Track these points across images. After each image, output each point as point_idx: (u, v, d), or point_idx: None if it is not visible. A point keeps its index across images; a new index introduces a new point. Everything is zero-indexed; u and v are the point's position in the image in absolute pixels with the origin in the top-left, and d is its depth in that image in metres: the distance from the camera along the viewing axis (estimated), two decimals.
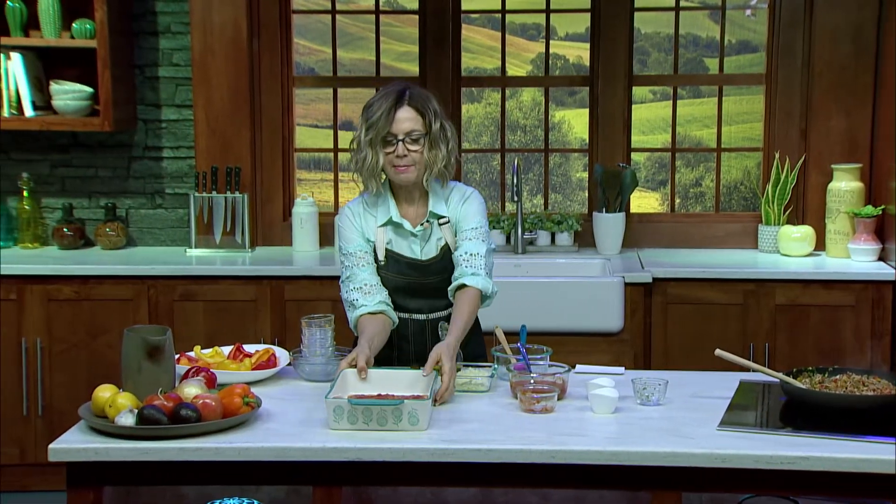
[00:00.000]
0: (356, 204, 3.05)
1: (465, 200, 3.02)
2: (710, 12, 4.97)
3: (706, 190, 5.07)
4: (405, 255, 3.00)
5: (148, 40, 4.85)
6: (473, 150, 5.12)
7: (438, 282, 3.00)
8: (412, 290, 3.01)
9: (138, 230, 4.96)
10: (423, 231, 3.00)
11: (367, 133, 2.92)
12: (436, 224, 3.01)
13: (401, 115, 2.90)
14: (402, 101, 2.91)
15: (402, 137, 2.90)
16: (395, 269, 3.00)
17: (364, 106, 2.98)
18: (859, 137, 4.66)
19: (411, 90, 2.94)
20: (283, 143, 4.95)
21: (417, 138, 2.91)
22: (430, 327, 3.05)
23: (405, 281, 3.00)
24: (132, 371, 2.59)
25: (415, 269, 3.00)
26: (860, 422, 2.50)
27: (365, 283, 2.97)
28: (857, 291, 4.24)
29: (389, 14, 5.09)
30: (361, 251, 3.00)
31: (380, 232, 3.01)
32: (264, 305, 4.40)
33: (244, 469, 2.44)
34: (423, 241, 3.01)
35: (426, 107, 2.93)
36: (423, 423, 2.49)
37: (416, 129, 2.91)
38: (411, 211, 3.02)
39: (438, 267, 3.01)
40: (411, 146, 2.91)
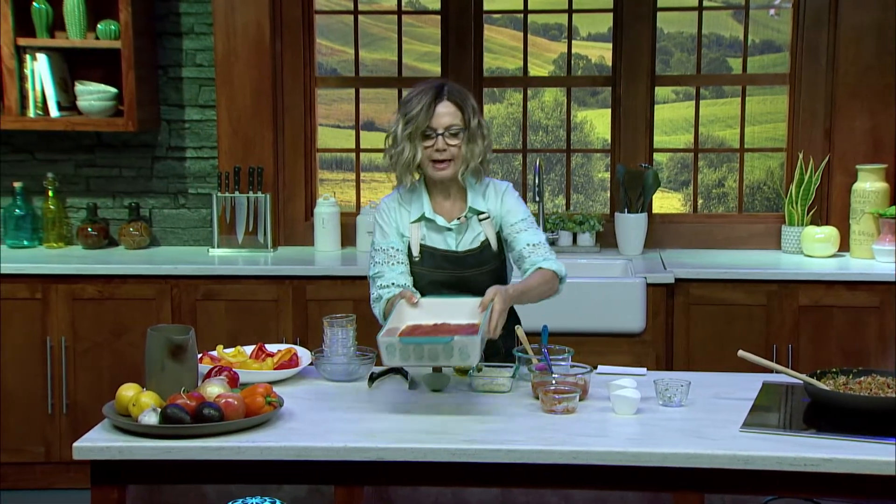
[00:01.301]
0: (391, 199, 3.08)
1: (503, 194, 3.05)
2: (734, 12, 4.95)
3: (729, 190, 5.05)
4: (440, 248, 3.01)
5: (171, 41, 4.87)
6: (495, 150, 5.10)
7: (475, 275, 3.01)
8: (448, 285, 3.01)
9: (161, 230, 4.99)
10: (459, 226, 3.01)
11: (406, 127, 2.94)
12: (475, 219, 3.03)
13: (441, 110, 2.93)
14: (442, 95, 2.93)
15: (441, 132, 2.93)
16: (430, 263, 3.01)
17: (401, 101, 3.02)
18: (884, 137, 4.62)
19: (449, 86, 2.97)
20: (306, 144, 4.96)
21: (456, 132, 2.94)
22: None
23: (441, 275, 3.01)
24: (155, 370, 2.60)
25: (450, 261, 3.01)
26: (885, 424, 2.48)
27: (392, 282, 2.98)
28: (881, 293, 4.21)
29: (411, 14, 5.09)
30: (393, 248, 3.02)
31: (413, 228, 3.03)
32: (286, 305, 4.41)
33: (266, 468, 2.45)
34: (458, 235, 3.02)
35: (465, 102, 2.96)
36: (474, 358, 2.52)
37: (455, 124, 2.93)
38: (447, 206, 3.04)
39: (475, 260, 3.02)
40: (450, 140, 2.94)
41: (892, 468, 2.30)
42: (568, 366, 2.86)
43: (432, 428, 2.52)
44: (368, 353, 3.00)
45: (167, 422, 2.43)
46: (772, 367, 2.80)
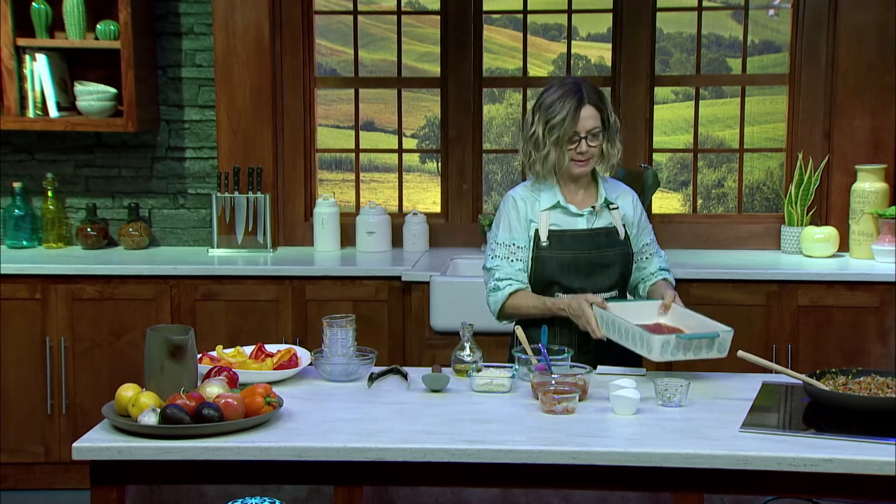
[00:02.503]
0: (522, 190, 3.17)
1: (636, 203, 3.21)
2: (733, 12, 4.95)
3: (728, 191, 5.05)
4: (568, 229, 3.10)
5: (171, 41, 4.87)
6: (494, 150, 5.11)
7: (599, 257, 3.09)
8: (576, 267, 3.08)
9: (161, 230, 4.99)
10: (591, 213, 3.12)
11: (551, 133, 3.03)
12: (606, 210, 3.14)
13: (584, 114, 3.03)
14: (584, 100, 3.02)
15: (584, 135, 3.02)
16: (558, 246, 3.09)
17: (538, 104, 3.08)
18: (884, 138, 4.63)
19: (586, 87, 3.06)
20: (305, 144, 4.96)
21: (597, 133, 3.04)
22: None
23: (570, 256, 3.08)
24: (155, 370, 2.60)
25: (578, 241, 3.09)
26: (884, 424, 2.49)
27: (508, 276, 3.09)
28: (881, 293, 4.21)
29: (411, 15, 5.09)
30: (515, 245, 3.11)
31: (544, 215, 3.10)
32: (286, 305, 4.41)
33: (266, 468, 2.45)
34: (588, 223, 3.11)
35: (603, 101, 3.08)
36: (726, 351, 2.85)
37: (596, 126, 3.04)
38: (578, 195, 3.14)
39: (602, 241, 3.10)
40: (591, 142, 3.04)
41: (892, 468, 2.30)
42: (567, 366, 2.86)
43: (432, 428, 2.52)
44: (368, 353, 3.00)
45: (167, 422, 2.43)
46: (771, 368, 2.80)
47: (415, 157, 5.23)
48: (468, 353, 2.98)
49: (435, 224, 4.95)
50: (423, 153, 5.22)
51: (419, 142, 5.22)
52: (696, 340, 2.84)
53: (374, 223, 4.80)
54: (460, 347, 2.99)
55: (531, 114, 3.10)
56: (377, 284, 4.38)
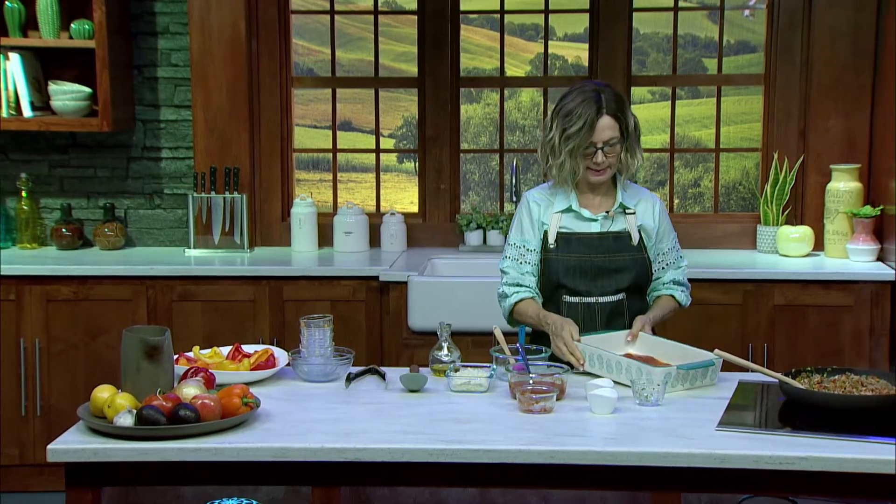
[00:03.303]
0: (539, 192, 3.16)
1: (658, 211, 3.16)
2: (709, 13, 4.97)
3: (705, 190, 5.07)
4: (576, 231, 3.08)
5: (146, 41, 4.85)
6: (472, 150, 5.12)
7: (607, 261, 3.07)
8: (582, 270, 3.07)
9: (137, 230, 4.96)
10: (605, 218, 3.09)
11: (567, 142, 2.99)
12: (622, 215, 3.11)
13: (601, 125, 2.98)
14: (602, 109, 2.98)
15: (601, 146, 2.99)
16: (565, 248, 3.07)
17: (557, 110, 3.05)
18: (858, 138, 4.66)
19: (606, 95, 3.00)
20: (282, 144, 4.95)
21: (615, 144, 3.00)
22: (599, 313, 3.09)
23: (575, 259, 3.07)
24: (131, 371, 2.59)
25: (585, 244, 3.07)
26: (859, 422, 2.50)
27: (517, 280, 3.10)
28: (855, 292, 4.24)
29: (388, 14, 5.09)
30: (525, 248, 3.11)
31: (555, 217, 3.09)
32: (263, 306, 4.40)
33: (243, 469, 2.44)
34: (601, 228, 3.09)
35: (623, 111, 3.02)
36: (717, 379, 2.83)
37: (614, 137, 2.99)
38: (595, 201, 3.12)
39: (610, 245, 3.08)
40: (609, 152, 3.00)
41: (867, 466, 2.32)
42: (545, 366, 2.86)
43: (410, 428, 2.52)
44: (345, 354, 2.99)
45: (143, 423, 2.42)
46: (747, 366, 2.81)
47: (392, 157, 5.23)
48: (446, 353, 2.98)
49: (412, 224, 4.95)
50: (400, 153, 5.22)
51: (396, 142, 5.21)
52: (692, 371, 2.80)
53: (352, 223, 4.79)
54: (438, 347, 2.99)
55: (550, 118, 3.07)
56: (355, 284, 4.37)
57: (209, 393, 2.55)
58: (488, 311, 4.08)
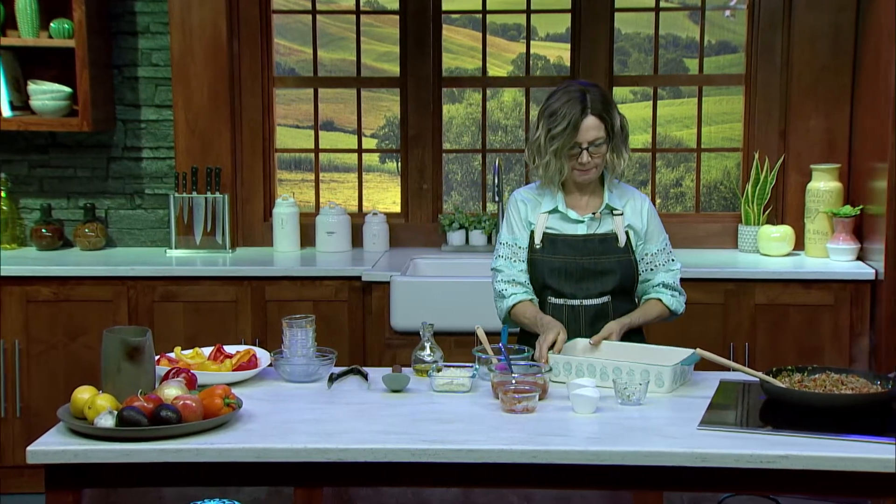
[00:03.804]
0: (527, 191, 3.15)
1: (647, 212, 3.13)
2: (690, 13, 4.99)
3: (686, 190, 5.09)
4: (561, 233, 3.07)
5: (127, 40, 4.82)
6: (454, 150, 5.12)
7: (591, 263, 3.06)
8: (566, 272, 3.06)
9: (118, 231, 4.94)
10: (592, 220, 3.08)
11: (552, 143, 2.98)
12: (609, 216, 3.09)
13: (585, 125, 2.97)
14: (587, 109, 2.96)
15: (586, 146, 2.98)
16: (550, 250, 3.07)
17: (543, 110, 3.03)
18: (838, 138, 4.69)
19: (592, 94, 2.99)
20: (264, 144, 4.94)
21: (600, 144, 2.99)
22: (584, 315, 3.08)
23: (560, 261, 3.06)
24: (112, 372, 2.57)
25: (570, 246, 3.06)
26: (839, 421, 2.52)
27: (513, 278, 3.08)
28: (835, 291, 4.26)
29: (370, 14, 5.08)
30: (517, 246, 3.10)
31: (542, 218, 3.09)
32: (245, 306, 4.39)
33: (225, 470, 2.44)
34: (588, 230, 3.08)
35: (608, 111, 3.00)
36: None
37: (599, 137, 2.98)
38: (582, 201, 3.11)
39: (595, 247, 3.06)
40: (594, 153, 2.99)
41: (847, 464, 2.33)
42: (527, 365, 2.87)
43: (392, 428, 2.51)
44: (328, 354, 2.99)
45: (124, 424, 2.41)
46: (729, 366, 2.82)
47: (374, 157, 5.22)
48: (428, 353, 2.98)
49: (395, 224, 4.94)
50: (382, 153, 5.22)
51: (379, 142, 5.21)
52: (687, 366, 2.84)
53: (334, 223, 4.78)
54: (420, 347, 2.99)
55: (536, 118, 3.06)
56: (337, 285, 4.37)
57: (191, 394, 2.54)
58: (471, 311, 4.09)
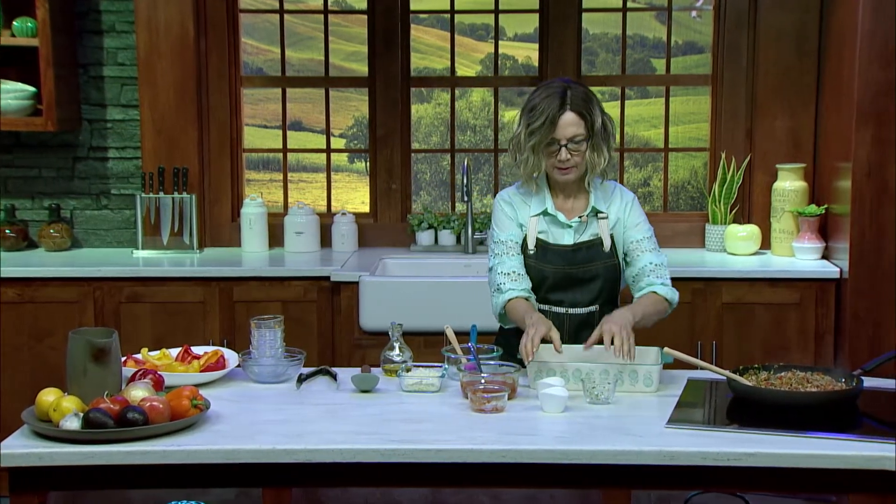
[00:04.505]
0: (512, 191, 3.11)
1: (630, 205, 3.10)
2: (657, 13, 5.01)
3: (654, 189, 5.12)
4: (552, 243, 3.04)
5: (92, 39, 4.78)
6: (423, 150, 5.11)
7: (581, 272, 3.04)
8: (556, 281, 3.04)
9: (83, 231, 4.90)
10: (579, 224, 3.04)
11: (530, 138, 2.96)
12: (594, 219, 3.06)
13: (564, 121, 2.93)
14: (566, 105, 2.93)
15: (564, 143, 2.94)
16: (542, 257, 3.04)
17: (524, 106, 3.01)
18: (803, 137, 4.73)
19: (573, 91, 2.96)
20: (232, 144, 4.91)
21: (580, 142, 2.95)
22: (569, 323, 3.06)
23: (550, 270, 3.04)
24: (77, 374, 2.55)
25: (560, 255, 3.04)
26: (805, 418, 2.54)
27: (513, 269, 3.02)
28: (801, 289, 4.30)
29: (338, 14, 5.07)
30: (512, 241, 3.05)
31: (533, 221, 3.05)
32: (213, 307, 4.36)
33: (193, 472, 2.42)
34: (576, 234, 3.05)
35: (589, 109, 2.96)
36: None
37: (578, 134, 2.95)
38: (568, 204, 3.08)
39: (583, 256, 3.04)
40: (573, 149, 2.95)
41: (812, 461, 2.35)
42: (496, 365, 2.87)
43: (361, 428, 2.51)
44: (296, 354, 2.98)
45: (90, 426, 2.39)
46: (696, 364, 2.84)
47: (343, 157, 5.21)
48: (397, 353, 2.98)
49: (364, 224, 4.93)
50: (351, 153, 5.20)
51: (347, 141, 5.20)
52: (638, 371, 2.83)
53: (303, 223, 4.77)
54: (389, 347, 2.99)
55: (518, 115, 3.04)
56: (306, 285, 4.35)
57: (158, 395, 2.53)
58: (440, 311, 4.09)
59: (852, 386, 2.68)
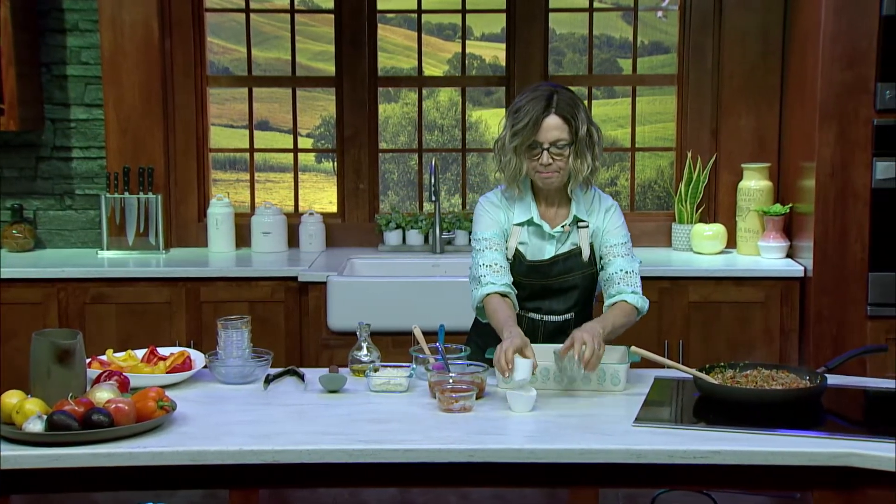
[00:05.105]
0: (495, 196, 3.06)
1: (609, 212, 3.05)
2: (623, 14, 5.04)
3: (621, 189, 5.14)
4: (527, 259, 3.01)
5: (55, 38, 4.74)
6: (391, 150, 5.11)
7: (558, 284, 3.01)
8: (533, 291, 3.03)
9: (47, 232, 4.85)
10: (562, 234, 3.02)
11: (513, 140, 2.92)
12: (575, 228, 3.03)
13: (547, 124, 2.89)
14: (550, 108, 2.90)
15: (547, 146, 2.90)
16: (518, 269, 3.01)
17: (509, 108, 2.98)
18: (767, 137, 4.77)
19: (559, 95, 2.92)
20: (198, 143, 4.88)
21: (563, 146, 2.91)
22: (542, 330, 3.05)
23: (526, 282, 3.02)
24: (41, 376, 2.53)
25: (536, 270, 3.01)
26: (770, 416, 2.56)
27: (495, 262, 2.97)
28: (766, 288, 4.34)
29: (305, 13, 5.05)
30: (496, 238, 3.01)
31: (515, 230, 3.02)
32: (179, 307, 4.33)
33: (159, 474, 2.40)
34: (559, 244, 3.02)
35: (574, 114, 2.91)
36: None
37: (562, 138, 2.91)
38: (551, 212, 3.04)
39: (560, 268, 3.01)
40: (556, 154, 2.91)
41: (777, 458, 2.37)
42: (464, 364, 2.87)
43: (329, 429, 2.50)
44: (264, 355, 2.96)
45: (54, 429, 2.36)
46: (663, 363, 2.85)
47: (310, 157, 5.19)
48: (365, 353, 2.97)
49: (331, 224, 4.92)
50: (318, 153, 5.19)
51: (315, 141, 5.18)
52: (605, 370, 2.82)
53: (270, 223, 4.75)
54: (357, 347, 2.98)
55: (504, 117, 3.02)
56: (273, 285, 4.34)
57: (123, 396, 2.51)
58: (408, 310, 4.08)
59: (816, 384, 2.70)
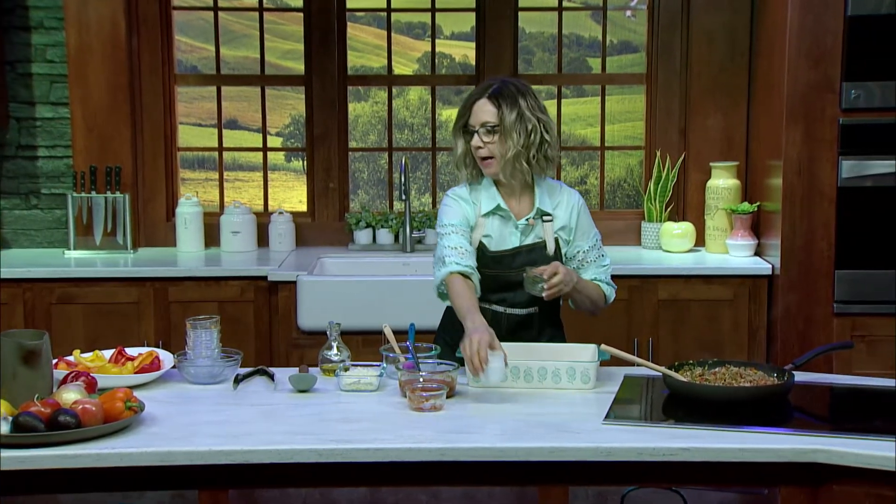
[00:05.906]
0: (461, 190, 3.09)
1: (577, 210, 3.10)
2: (592, 13, 5.05)
3: (591, 188, 5.16)
4: (490, 249, 3.03)
5: (19, 35, 4.69)
6: (361, 148, 5.10)
7: (518, 276, 2.99)
8: (495, 282, 3.04)
9: (12, 231, 4.80)
10: (527, 227, 3.04)
11: (455, 123, 3.04)
12: (540, 222, 3.05)
13: (478, 107, 2.98)
14: (485, 93, 2.98)
15: (476, 129, 2.97)
16: (481, 260, 3.03)
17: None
18: (735, 136, 4.80)
19: (503, 85, 3.00)
20: (166, 142, 4.85)
21: (491, 129, 2.97)
22: (505, 322, 3.05)
23: (490, 273, 3.03)
24: (6, 377, 2.50)
25: (497, 261, 3.03)
26: (738, 413, 2.58)
27: (459, 245, 2.99)
28: (734, 286, 4.37)
29: (273, 12, 5.03)
30: (461, 225, 3.02)
31: (481, 222, 3.04)
32: (147, 307, 4.30)
33: (127, 475, 2.38)
34: (523, 236, 3.04)
35: (508, 103, 2.96)
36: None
37: (489, 121, 2.97)
38: (513, 203, 3.06)
39: (522, 261, 3.02)
40: (486, 137, 2.98)
41: (745, 455, 2.39)
42: (434, 363, 2.87)
43: (299, 428, 2.49)
44: (233, 355, 2.95)
45: (19, 430, 2.34)
46: (633, 361, 2.86)
47: (280, 156, 5.17)
48: (335, 353, 2.96)
49: (301, 223, 4.90)
50: (288, 152, 5.17)
51: (284, 140, 5.16)
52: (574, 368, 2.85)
53: (239, 223, 4.72)
54: (327, 347, 2.97)
55: None
56: (243, 285, 4.32)
57: (91, 397, 2.49)
58: (378, 309, 4.08)
59: (784, 381, 2.72)
